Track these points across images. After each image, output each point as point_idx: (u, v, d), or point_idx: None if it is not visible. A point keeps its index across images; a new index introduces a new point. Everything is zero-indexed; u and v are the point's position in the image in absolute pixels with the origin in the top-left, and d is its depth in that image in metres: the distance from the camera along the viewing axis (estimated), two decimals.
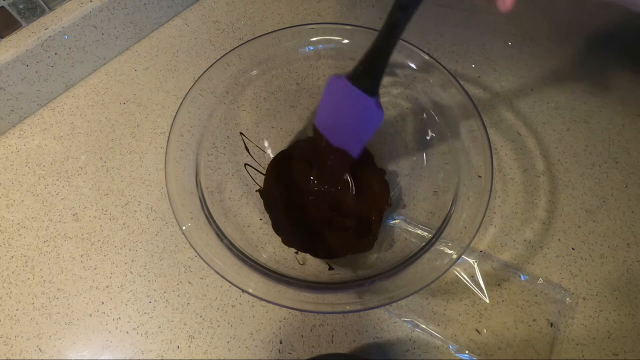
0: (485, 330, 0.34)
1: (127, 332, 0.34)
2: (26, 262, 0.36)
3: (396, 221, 0.36)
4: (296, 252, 0.35)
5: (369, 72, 0.28)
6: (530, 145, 0.42)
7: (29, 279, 0.36)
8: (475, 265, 0.36)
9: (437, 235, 0.29)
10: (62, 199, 0.39)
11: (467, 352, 0.33)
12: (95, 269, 0.36)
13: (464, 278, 0.36)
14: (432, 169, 0.36)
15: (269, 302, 0.27)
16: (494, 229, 0.38)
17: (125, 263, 0.36)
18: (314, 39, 0.36)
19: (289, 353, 0.33)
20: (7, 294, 0.35)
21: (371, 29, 0.35)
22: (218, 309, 0.35)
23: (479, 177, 0.30)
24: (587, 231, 0.38)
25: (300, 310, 0.30)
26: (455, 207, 0.30)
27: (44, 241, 0.37)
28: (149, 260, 0.36)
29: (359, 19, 0.50)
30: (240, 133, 0.38)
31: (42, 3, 0.39)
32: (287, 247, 0.35)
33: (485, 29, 0.49)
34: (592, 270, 0.37)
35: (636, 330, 0.34)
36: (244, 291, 0.27)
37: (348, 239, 0.36)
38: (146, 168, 0.41)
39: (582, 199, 0.40)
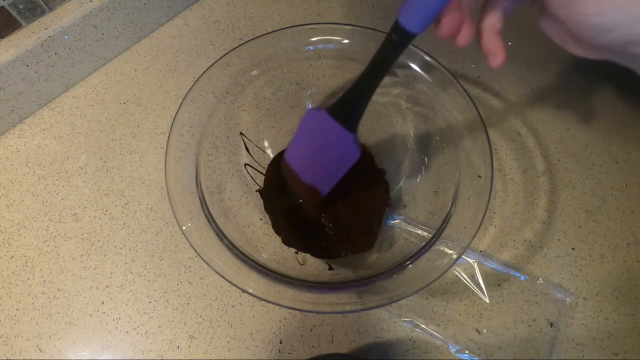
0: (485, 330, 0.34)
1: (127, 332, 0.34)
2: (26, 262, 0.36)
3: (396, 221, 0.36)
4: (296, 252, 0.35)
5: (350, 107, 0.27)
6: (530, 145, 0.42)
7: (29, 279, 0.36)
8: (475, 265, 0.36)
9: (437, 235, 0.29)
10: (62, 199, 0.39)
11: (467, 352, 0.33)
12: (95, 269, 0.36)
13: (464, 278, 0.36)
14: (432, 169, 0.36)
15: (269, 302, 0.27)
16: (494, 229, 0.38)
17: (125, 263, 0.36)
18: (314, 39, 0.36)
19: (289, 353, 0.33)
20: (7, 294, 0.35)
21: (371, 29, 0.35)
22: (218, 309, 0.35)
23: (479, 177, 0.30)
24: (587, 231, 0.38)
25: (300, 310, 0.30)
26: (455, 207, 0.30)
27: (44, 241, 0.37)
28: (149, 260, 0.36)
29: (359, 19, 0.50)
30: (240, 133, 0.38)
31: (42, 3, 0.39)
32: (287, 247, 0.35)
33: None
34: (592, 270, 0.37)
35: (636, 330, 0.34)
36: (244, 291, 0.27)
37: (348, 239, 0.36)
38: (146, 168, 0.41)
39: (582, 199, 0.40)
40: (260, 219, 0.36)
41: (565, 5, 0.20)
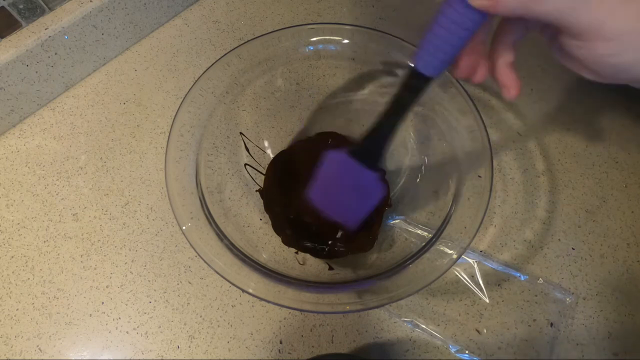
0: (485, 330, 0.34)
1: (127, 332, 0.34)
2: (26, 262, 0.36)
3: (396, 221, 0.36)
4: (296, 252, 0.35)
5: (372, 149, 0.27)
6: (530, 145, 0.42)
7: (29, 279, 0.36)
8: (475, 265, 0.36)
9: (437, 235, 0.29)
10: (62, 199, 0.39)
11: (467, 352, 0.33)
12: (95, 269, 0.36)
13: (464, 278, 0.36)
14: (432, 169, 0.36)
15: (269, 302, 0.27)
16: (494, 229, 0.38)
17: (125, 263, 0.36)
18: (314, 39, 0.36)
19: (289, 353, 0.33)
20: (7, 294, 0.35)
21: (371, 29, 0.35)
22: (218, 309, 0.35)
23: (479, 177, 0.30)
24: (587, 231, 0.38)
25: (300, 310, 0.30)
26: (455, 207, 0.30)
27: (44, 241, 0.37)
28: (149, 260, 0.36)
29: (359, 19, 0.50)
30: (240, 133, 0.38)
31: (42, 3, 0.39)
32: (287, 247, 0.35)
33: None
34: (592, 270, 0.37)
35: (636, 330, 0.34)
36: (244, 291, 0.27)
37: (348, 239, 0.36)
38: (146, 168, 0.41)
39: (582, 199, 0.40)
40: (260, 219, 0.36)
41: (583, 47, 0.20)
